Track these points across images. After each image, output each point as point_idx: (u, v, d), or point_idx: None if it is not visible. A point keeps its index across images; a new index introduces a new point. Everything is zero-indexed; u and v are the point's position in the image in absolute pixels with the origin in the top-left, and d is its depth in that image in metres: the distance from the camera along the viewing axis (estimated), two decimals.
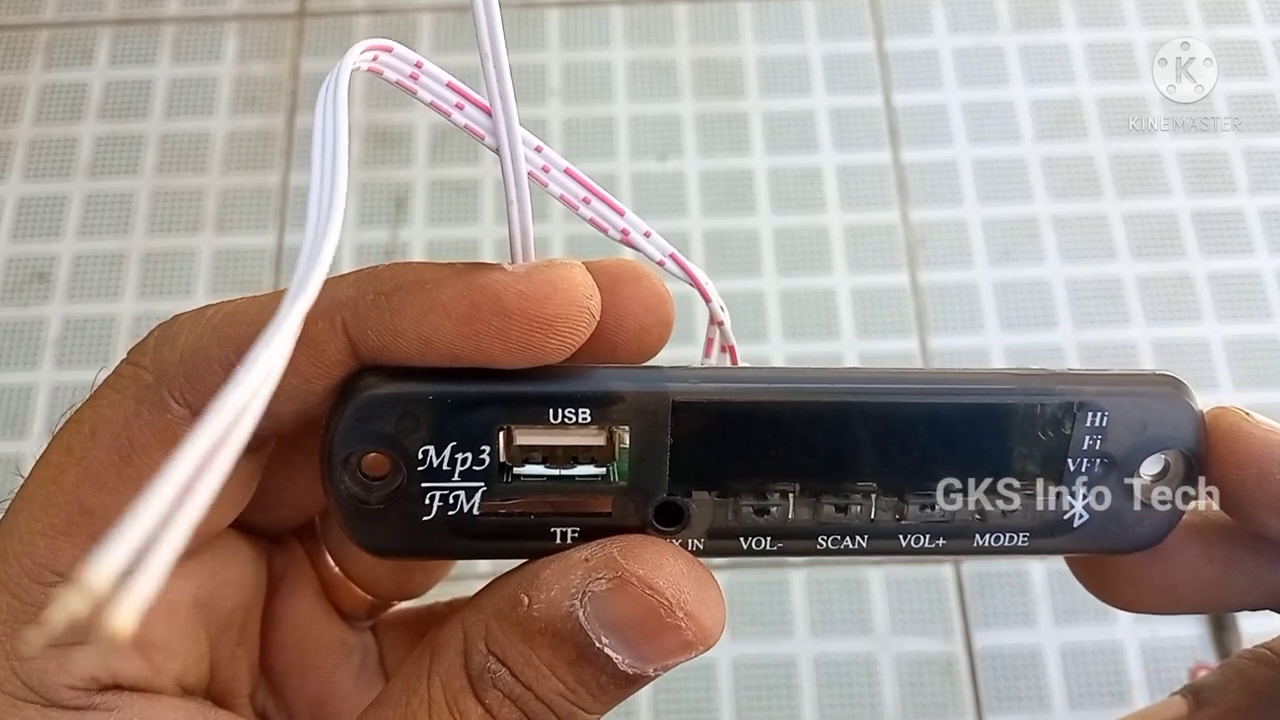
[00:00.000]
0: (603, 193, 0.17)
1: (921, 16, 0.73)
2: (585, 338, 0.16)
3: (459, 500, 0.16)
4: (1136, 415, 0.16)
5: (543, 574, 0.15)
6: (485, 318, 0.15)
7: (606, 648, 0.15)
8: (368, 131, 0.70)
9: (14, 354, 0.64)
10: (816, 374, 0.16)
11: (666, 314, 0.17)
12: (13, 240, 0.67)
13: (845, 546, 0.17)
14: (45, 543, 0.15)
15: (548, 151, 0.17)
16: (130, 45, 0.73)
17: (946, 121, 0.70)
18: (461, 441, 0.16)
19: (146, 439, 0.15)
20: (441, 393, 0.15)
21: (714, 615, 0.16)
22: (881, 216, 0.67)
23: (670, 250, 0.18)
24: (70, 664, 0.16)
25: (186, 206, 0.68)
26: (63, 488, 0.16)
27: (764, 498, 0.16)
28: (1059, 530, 0.17)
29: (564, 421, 0.16)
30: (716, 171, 0.69)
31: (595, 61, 0.72)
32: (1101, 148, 0.69)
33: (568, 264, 0.15)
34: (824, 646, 0.57)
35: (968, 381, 0.17)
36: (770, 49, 0.73)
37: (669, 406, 0.16)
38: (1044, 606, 0.58)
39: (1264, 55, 0.72)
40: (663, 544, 0.16)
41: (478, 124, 0.16)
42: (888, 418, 0.16)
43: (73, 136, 0.70)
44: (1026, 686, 0.56)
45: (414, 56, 0.16)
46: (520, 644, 0.15)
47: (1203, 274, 0.66)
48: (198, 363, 0.15)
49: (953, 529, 0.17)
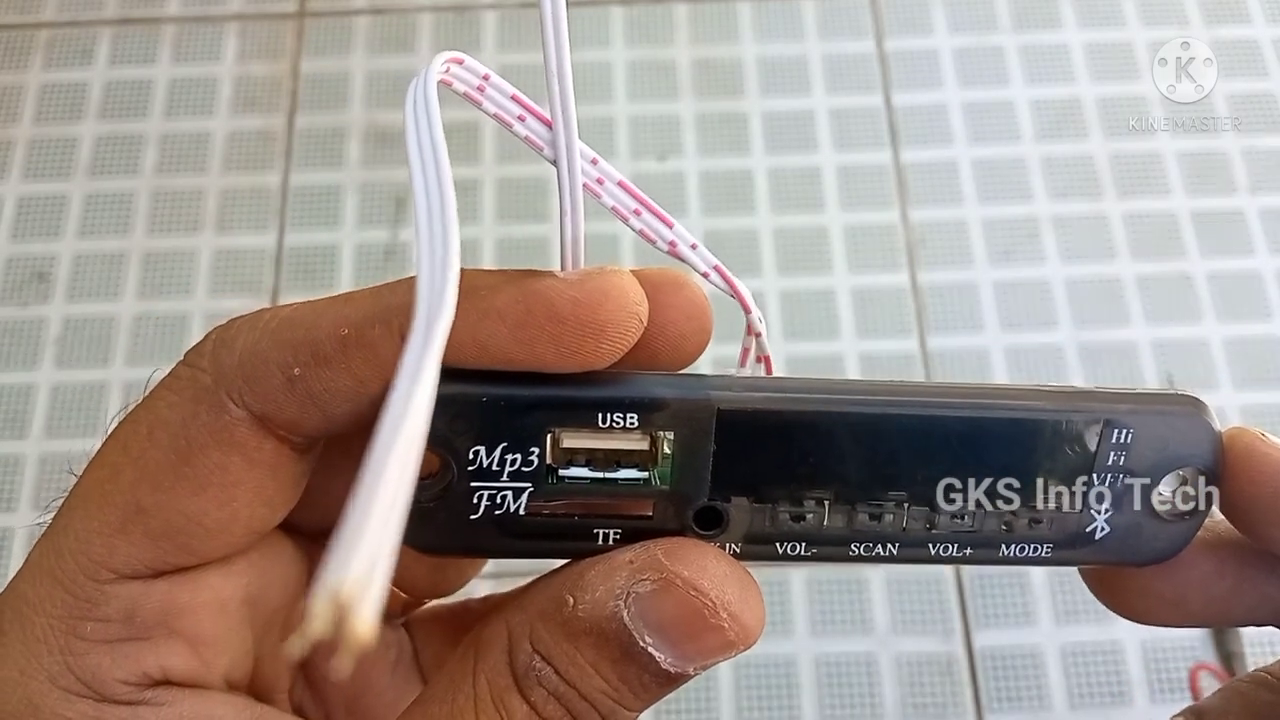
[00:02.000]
0: (654, 205, 0.18)
1: (921, 16, 0.73)
2: (633, 343, 0.16)
3: (506, 500, 0.16)
4: (1160, 433, 0.17)
5: (587, 575, 0.16)
6: (539, 323, 0.15)
7: (650, 647, 0.15)
8: (368, 131, 0.70)
9: (14, 354, 0.64)
10: (855, 386, 0.17)
11: (706, 322, 0.18)
12: (13, 240, 0.67)
13: (876, 554, 0.17)
14: (101, 541, 0.16)
15: (602, 164, 0.17)
16: (130, 45, 0.73)
17: (946, 121, 0.70)
18: (512, 443, 0.16)
19: (205, 440, 0.16)
20: (495, 395, 0.16)
21: (756, 615, 0.16)
22: (881, 216, 0.67)
23: (715, 263, 0.18)
24: (123, 659, 0.16)
25: (186, 206, 0.68)
26: (119, 487, 0.16)
27: (800, 505, 0.17)
28: (1080, 542, 0.17)
29: (612, 426, 0.16)
30: (716, 171, 0.69)
31: (595, 61, 0.72)
32: (1101, 148, 0.69)
33: (618, 271, 0.16)
34: (824, 646, 0.57)
35: (1001, 397, 0.17)
36: (770, 49, 0.73)
37: (713, 414, 0.16)
38: (1044, 606, 0.58)
39: (1264, 55, 0.72)
40: (706, 546, 0.16)
41: (538, 135, 0.17)
42: (922, 431, 0.17)
43: (73, 136, 0.70)
44: (1026, 686, 0.56)
45: (482, 69, 0.16)
46: (565, 643, 0.15)
47: (1203, 274, 0.66)
48: (256, 365, 0.16)
49: (980, 539, 0.17)
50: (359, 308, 0.16)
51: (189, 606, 0.16)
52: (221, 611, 0.17)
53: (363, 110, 0.71)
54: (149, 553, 0.16)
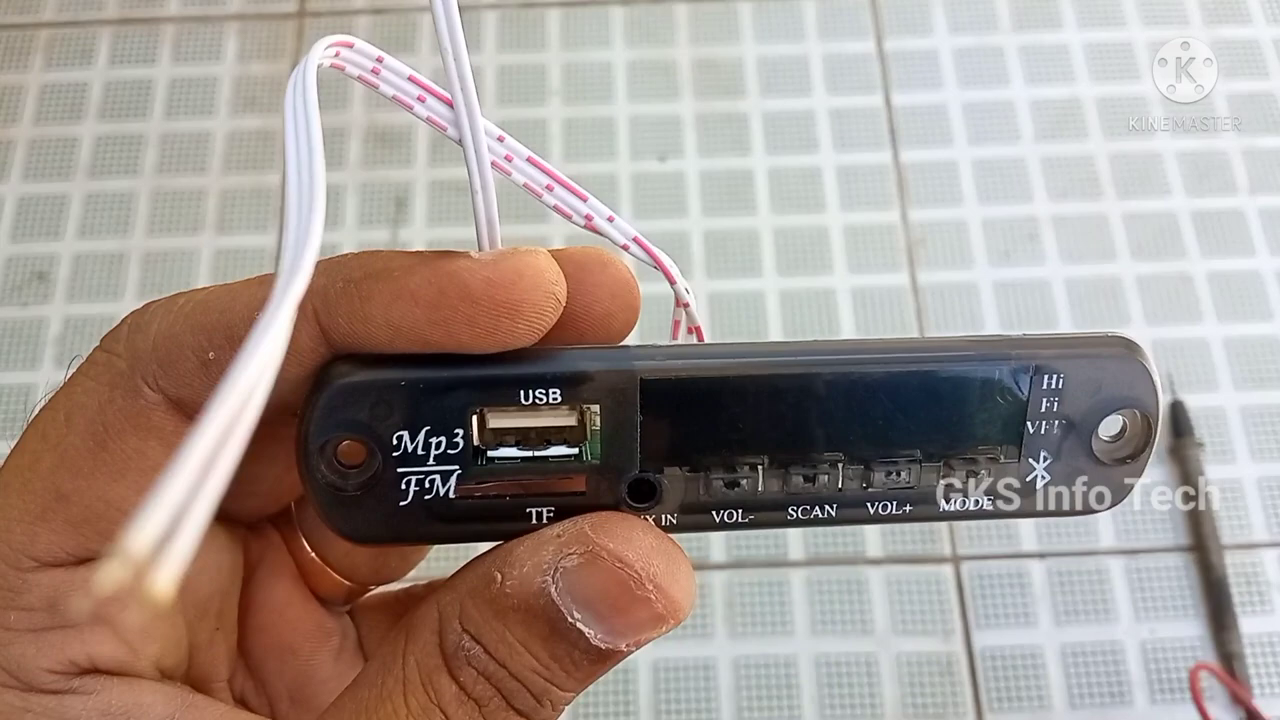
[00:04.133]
0: (565, 179, 0.17)
1: (921, 16, 0.73)
2: (552, 322, 0.16)
3: (435, 484, 0.16)
4: (1092, 376, 0.17)
5: (515, 551, 0.16)
6: (453, 304, 0.15)
7: (579, 622, 0.15)
8: (368, 132, 0.70)
9: (14, 354, 0.64)
10: (779, 347, 0.17)
11: (633, 300, 0.18)
12: (13, 240, 0.67)
13: (815, 516, 0.17)
14: (22, 528, 0.16)
15: (510, 141, 0.17)
16: (130, 45, 0.73)
17: (946, 121, 0.70)
18: (435, 426, 0.16)
19: (121, 424, 0.16)
20: (413, 378, 0.16)
21: (684, 589, 0.16)
22: (881, 216, 0.67)
23: (634, 234, 0.18)
24: (48, 648, 0.16)
25: (186, 206, 0.68)
26: (38, 474, 0.16)
27: (734, 471, 0.17)
28: (1023, 493, 0.17)
29: (535, 402, 0.16)
30: (716, 171, 0.69)
31: (595, 61, 0.72)
32: (1101, 148, 0.69)
33: (533, 251, 0.16)
34: (824, 646, 0.57)
35: (926, 349, 0.17)
36: (770, 49, 0.73)
37: (637, 384, 0.16)
38: (1044, 606, 0.58)
39: (1264, 55, 0.72)
40: (633, 519, 0.16)
41: (440, 116, 0.16)
42: (849, 387, 0.17)
43: (73, 136, 0.70)
44: (1026, 686, 0.56)
45: (375, 52, 0.16)
46: (494, 621, 0.15)
47: (1203, 274, 0.66)
48: (170, 349, 0.16)
49: (918, 495, 0.17)
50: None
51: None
52: None
53: (363, 110, 0.71)
54: (71, 540, 0.16)
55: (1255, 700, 0.55)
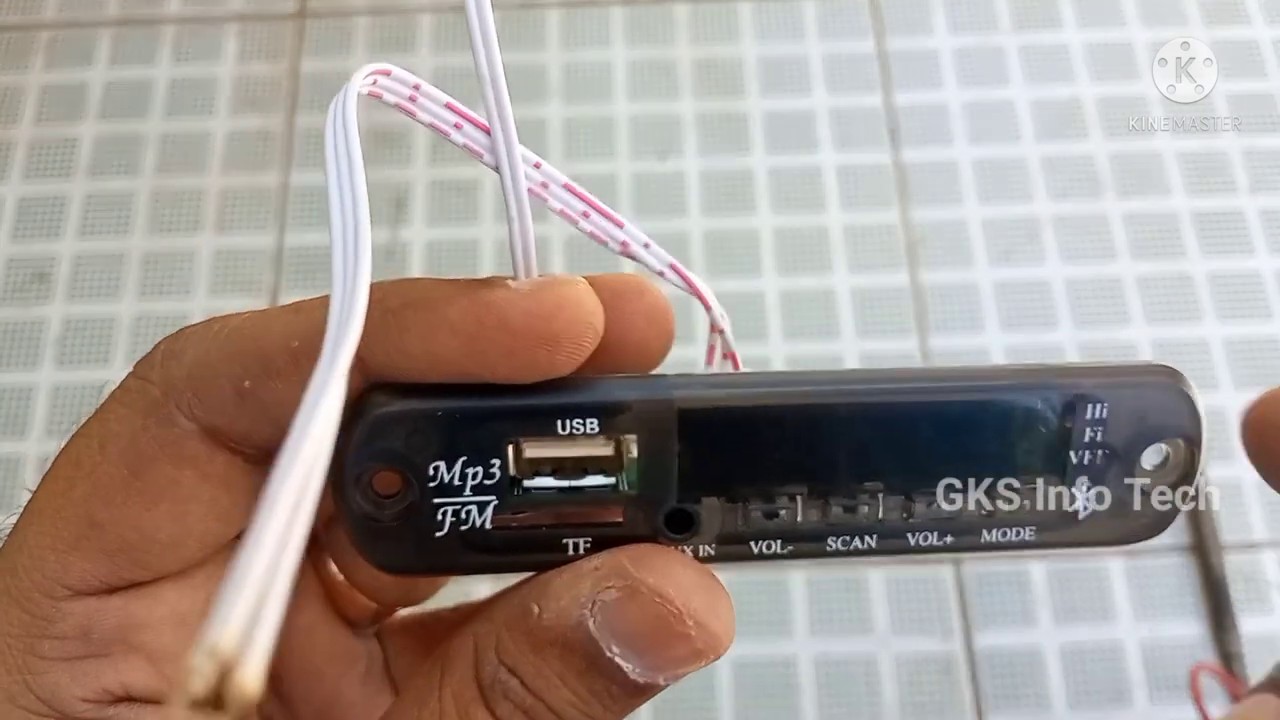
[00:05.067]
0: (602, 206, 0.17)
1: (921, 16, 0.73)
2: (589, 352, 0.16)
3: (471, 515, 0.16)
4: (1135, 406, 0.17)
5: (553, 584, 0.16)
6: (492, 335, 0.15)
7: (617, 657, 0.15)
8: (368, 132, 0.70)
9: (14, 354, 0.64)
10: (819, 376, 0.17)
11: (668, 327, 0.18)
12: (13, 240, 0.67)
13: (855, 547, 0.17)
14: (55, 557, 0.15)
15: (546, 167, 0.17)
16: (130, 45, 0.73)
17: (946, 121, 0.70)
18: (471, 456, 0.16)
19: (155, 453, 0.15)
20: (450, 409, 0.16)
21: (724, 624, 0.16)
22: (881, 216, 0.67)
23: (670, 260, 0.18)
24: (83, 676, 0.16)
25: (186, 206, 0.68)
26: (71, 501, 0.16)
27: (772, 501, 0.16)
28: (1064, 523, 0.17)
29: (572, 433, 0.16)
30: (716, 171, 0.69)
31: (595, 61, 0.72)
32: (1101, 148, 0.69)
33: (572, 281, 0.16)
34: (824, 646, 0.57)
35: (969, 378, 0.17)
36: (770, 49, 0.73)
37: (675, 414, 0.16)
38: (1044, 606, 0.58)
39: (1264, 55, 0.72)
40: (672, 552, 0.16)
41: (476, 142, 0.16)
42: (891, 417, 0.16)
43: (73, 136, 0.70)
44: (1026, 686, 0.56)
45: (412, 79, 0.16)
46: (531, 654, 0.15)
47: (1203, 274, 0.66)
48: (205, 377, 0.15)
49: (960, 526, 0.17)
50: (309, 318, 0.16)
51: (146, 621, 0.16)
52: (180, 625, 0.17)
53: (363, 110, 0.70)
54: (104, 568, 0.16)
55: None
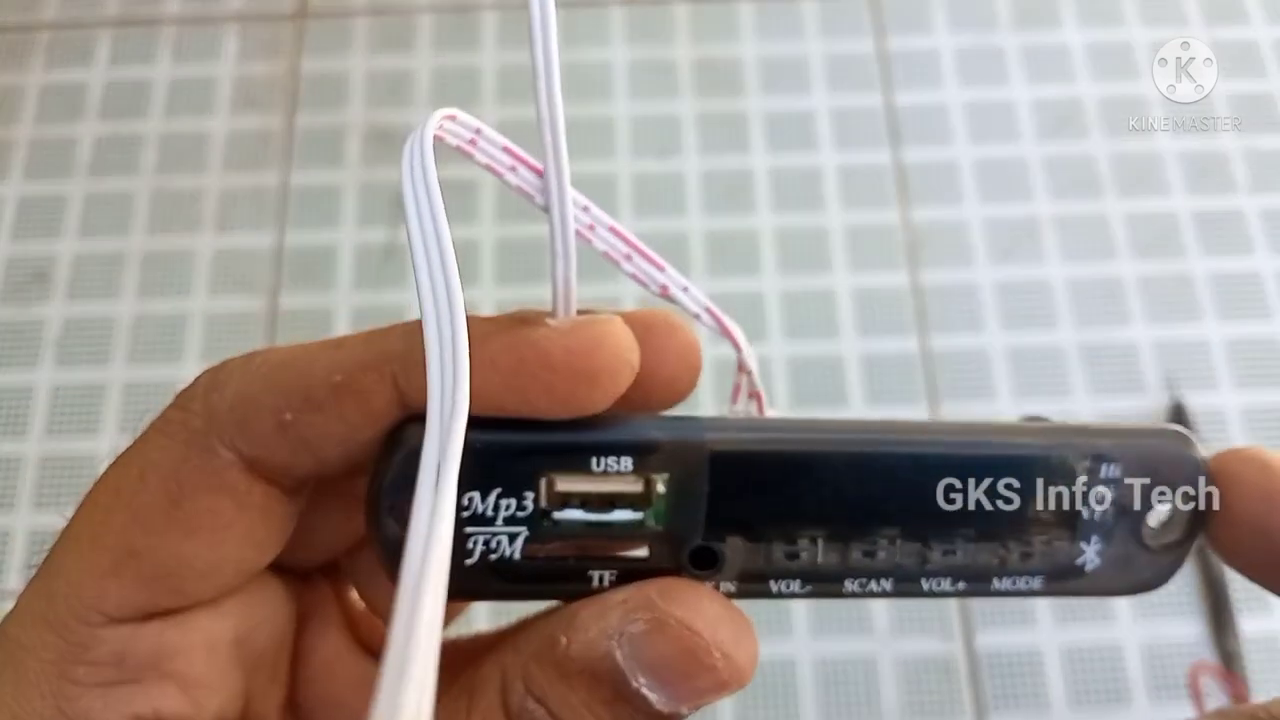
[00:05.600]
0: (644, 249, 0.18)
1: (921, 16, 0.73)
2: (625, 389, 0.16)
3: (501, 545, 0.16)
4: (1146, 465, 0.17)
5: (580, 615, 0.16)
6: (532, 372, 0.15)
7: (643, 687, 0.15)
8: (368, 131, 0.70)
9: (14, 354, 0.64)
10: (847, 425, 0.17)
11: (696, 362, 0.18)
12: (13, 240, 0.67)
13: (870, 589, 0.17)
14: (93, 583, 0.16)
15: (594, 210, 0.17)
16: (130, 45, 0.73)
17: (946, 121, 0.70)
18: (506, 488, 0.16)
19: (196, 483, 0.16)
20: (489, 442, 0.16)
21: (748, 656, 0.16)
22: (881, 216, 0.67)
23: (706, 304, 0.19)
24: (115, 702, 0.16)
25: (186, 206, 0.68)
26: (110, 529, 0.16)
27: (794, 543, 0.17)
28: (1071, 575, 0.18)
29: (606, 470, 0.16)
30: (717, 171, 0.69)
31: (595, 61, 0.72)
32: (1101, 148, 0.69)
33: (610, 319, 0.16)
34: (824, 646, 0.57)
35: (991, 435, 0.18)
36: (770, 49, 0.73)
37: (707, 455, 0.16)
38: (1044, 606, 0.58)
39: (1264, 55, 0.72)
40: (699, 586, 0.16)
41: (529, 184, 0.17)
42: (914, 468, 0.17)
43: (73, 136, 0.70)
44: (1026, 686, 0.56)
45: (474, 123, 0.17)
46: (558, 684, 0.15)
47: (1203, 274, 0.66)
48: (248, 410, 0.16)
49: (972, 574, 0.18)
50: (351, 353, 0.16)
51: (180, 648, 0.16)
52: (212, 653, 0.17)
53: (363, 110, 0.71)
54: (140, 596, 0.16)
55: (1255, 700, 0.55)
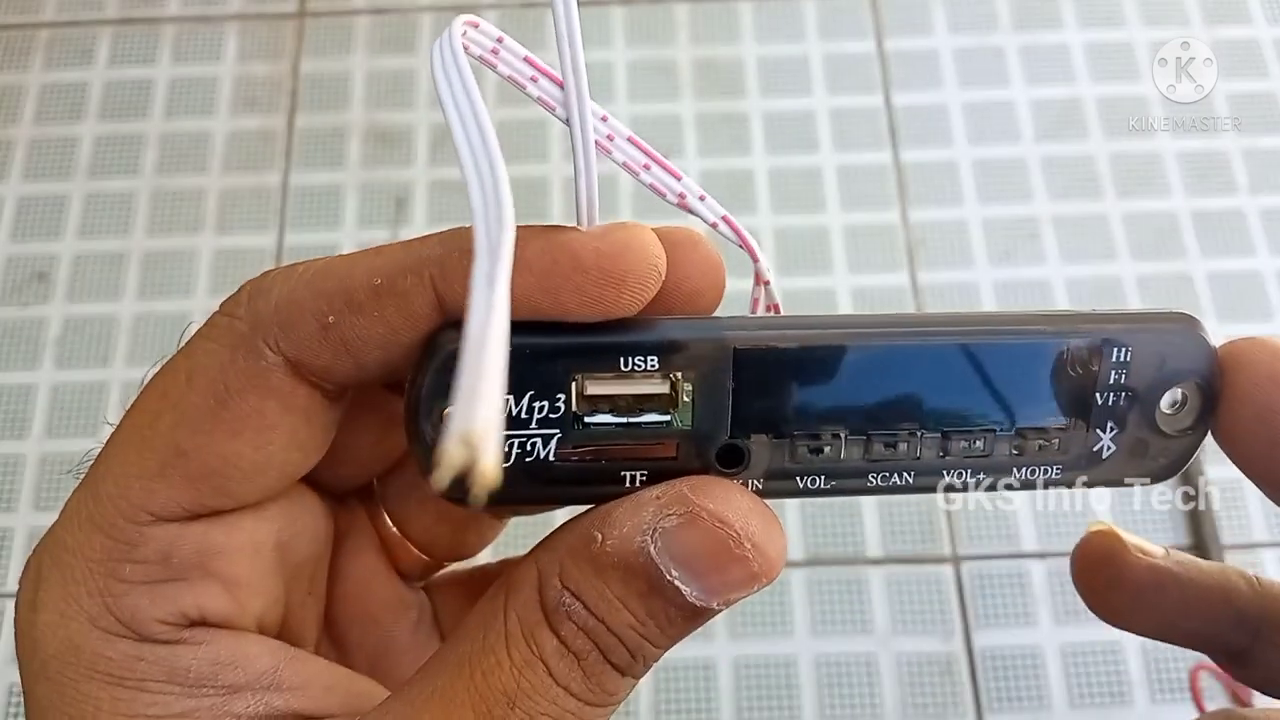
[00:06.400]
0: (662, 159, 0.18)
1: (921, 16, 0.73)
2: (653, 294, 0.16)
3: (535, 447, 0.17)
4: (1157, 350, 0.18)
5: (615, 513, 0.16)
6: (565, 273, 0.16)
7: (676, 580, 0.16)
8: (368, 131, 0.70)
9: (14, 354, 0.64)
10: (863, 319, 0.18)
11: (720, 279, 0.18)
12: (13, 240, 0.67)
13: (893, 484, 0.18)
14: (141, 484, 0.16)
15: (612, 121, 0.18)
16: (130, 45, 0.73)
17: (946, 121, 0.70)
18: (539, 390, 0.17)
19: (242, 384, 0.16)
20: (521, 344, 0.16)
21: (778, 548, 0.16)
22: (881, 216, 0.67)
23: (723, 213, 0.19)
24: (161, 599, 0.16)
25: (186, 206, 0.68)
26: (158, 431, 0.16)
27: (818, 438, 0.17)
28: (1089, 463, 0.18)
29: (633, 369, 0.17)
30: (716, 171, 0.69)
31: (595, 61, 0.72)
32: (1101, 148, 0.69)
33: (638, 226, 0.16)
34: (824, 646, 0.57)
35: (1005, 324, 0.18)
36: (770, 49, 0.73)
37: (730, 353, 0.17)
38: (1044, 606, 0.58)
39: (1264, 55, 0.72)
40: (729, 482, 0.17)
41: (550, 96, 0.17)
42: (932, 359, 0.17)
43: (73, 136, 0.70)
44: (1026, 686, 0.56)
45: (496, 32, 0.17)
46: (594, 578, 0.16)
47: (1203, 274, 0.66)
48: (292, 313, 0.16)
49: (992, 464, 0.18)
50: (390, 259, 0.16)
51: (224, 548, 0.17)
52: (255, 555, 0.17)
53: (363, 110, 0.71)
54: (187, 495, 0.16)
55: (1255, 700, 0.55)
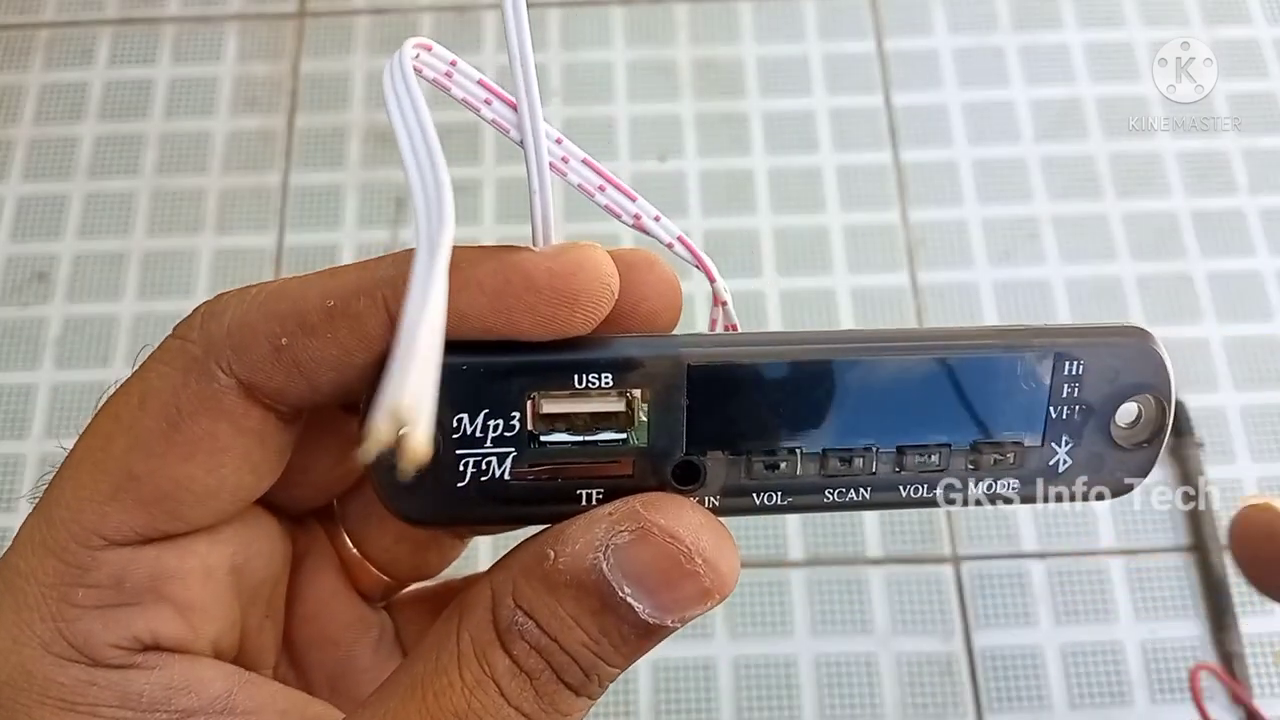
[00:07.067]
0: (617, 181, 0.18)
1: (921, 16, 0.73)
2: (606, 313, 0.17)
3: (491, 466, 0.17)
4: (1110, 364, 0.18)
5: (568, 530, 0.16)
6: (517, 292, 0.16)
7: (629, 597, 0.16)
8: (368, 131, 0.70)
9: (14, 354, 0.64)
10: (817, 336, 0.18)
11: (677, 299, 0.18)
12: (13, 240, 0.67)
13: (850, 500, 0.18)
14: (93, 508, 0.16)
15: (567, 143, 0.18)
16: (130, 45, 0.73)
17: (946, 121, 0.70)
18: (494, 409, 0.17)
19: (194, 407, 0.16)
20: (475, 363, 0.16)
21: (730, 564, 0.16)
22: (881, 216, 0.67)
23: (678, 233, 0.19)
24: (114, 624, 0.16)
25: (186, 206, 0.68)
26: (111, 455, 0.16)
27: (773, 455, 0.17)
28: (1045, 477, 0.18)
29: (587, 387, 0.17)
30: (716, 171, 0.69)
31: (595, 61, 0.72)
32: (1101, 148, 0.69)
33: (591, 246, 0.17)
34: (824, 646, 0.57)
35: (956, 339, 0.18)
36: (770, 49, 0.73)
37: (684, 370, 0.17)
38: (1044, 606, 0.58)
39: (1264, 55, 0.72)
40: (681, 499, 0.17)
41: (504, 118, 0.17)
42: (885, 375, 0.17)
43: (73, 136, 0.70)
44: (1026, 686, 0.56)
45: (449, 56, 0.17)
46: (546, 596, 0.16)
47: (1203, 274, 0.66)
48: (244, 336, 0.16)
49: (948, 480, 0.18)
50: (344, 281, 0.16)
51: (177, 572, 0.17)
52: (208, 578, 0.17)
53: (363, 110, 0.71)
54: (140, 519, 0.16)
55: (1255, 700, 0.55)
